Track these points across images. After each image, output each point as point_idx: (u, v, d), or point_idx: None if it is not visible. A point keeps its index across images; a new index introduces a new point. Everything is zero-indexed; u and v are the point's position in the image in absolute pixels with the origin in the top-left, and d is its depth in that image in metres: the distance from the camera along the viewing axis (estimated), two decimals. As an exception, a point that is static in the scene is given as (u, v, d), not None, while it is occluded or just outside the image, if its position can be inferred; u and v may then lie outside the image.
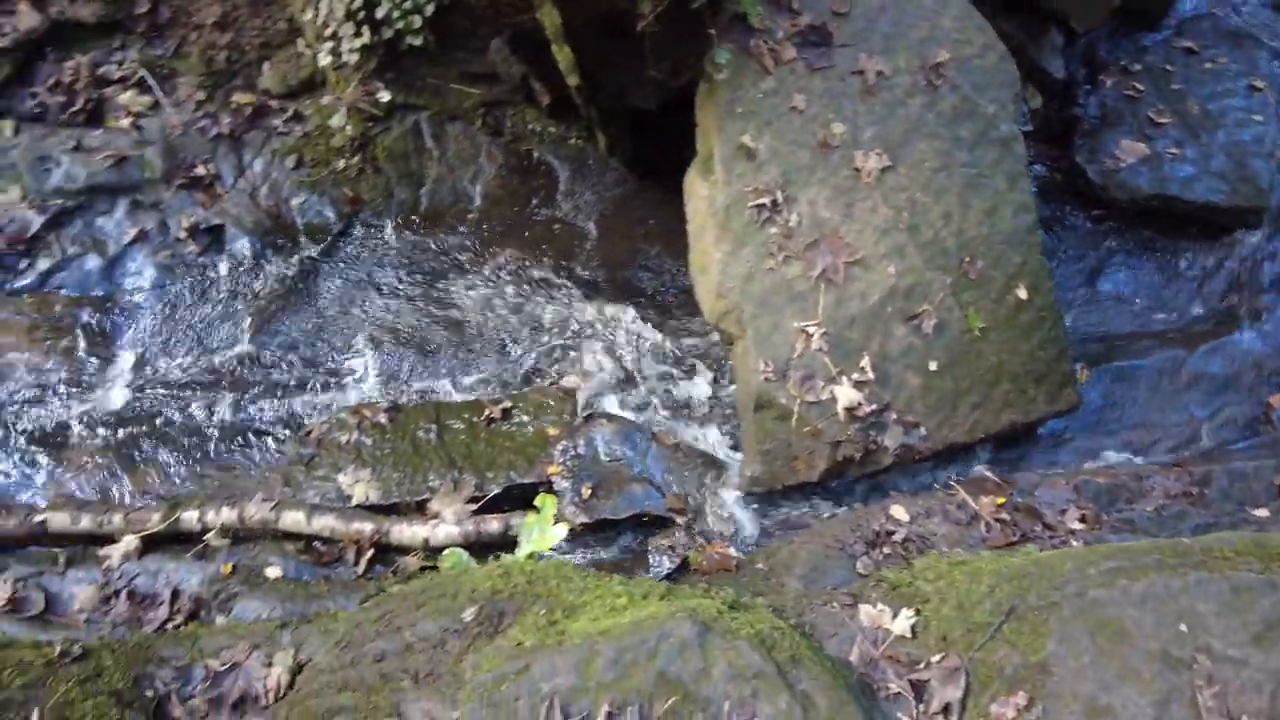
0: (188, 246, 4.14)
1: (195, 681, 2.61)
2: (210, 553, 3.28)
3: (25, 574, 3.19)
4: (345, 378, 3.93)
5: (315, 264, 4.20)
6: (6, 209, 4.02)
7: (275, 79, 4.42)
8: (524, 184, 4.52)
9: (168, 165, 4.22)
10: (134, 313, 4.02)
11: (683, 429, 3.71)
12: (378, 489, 3.43)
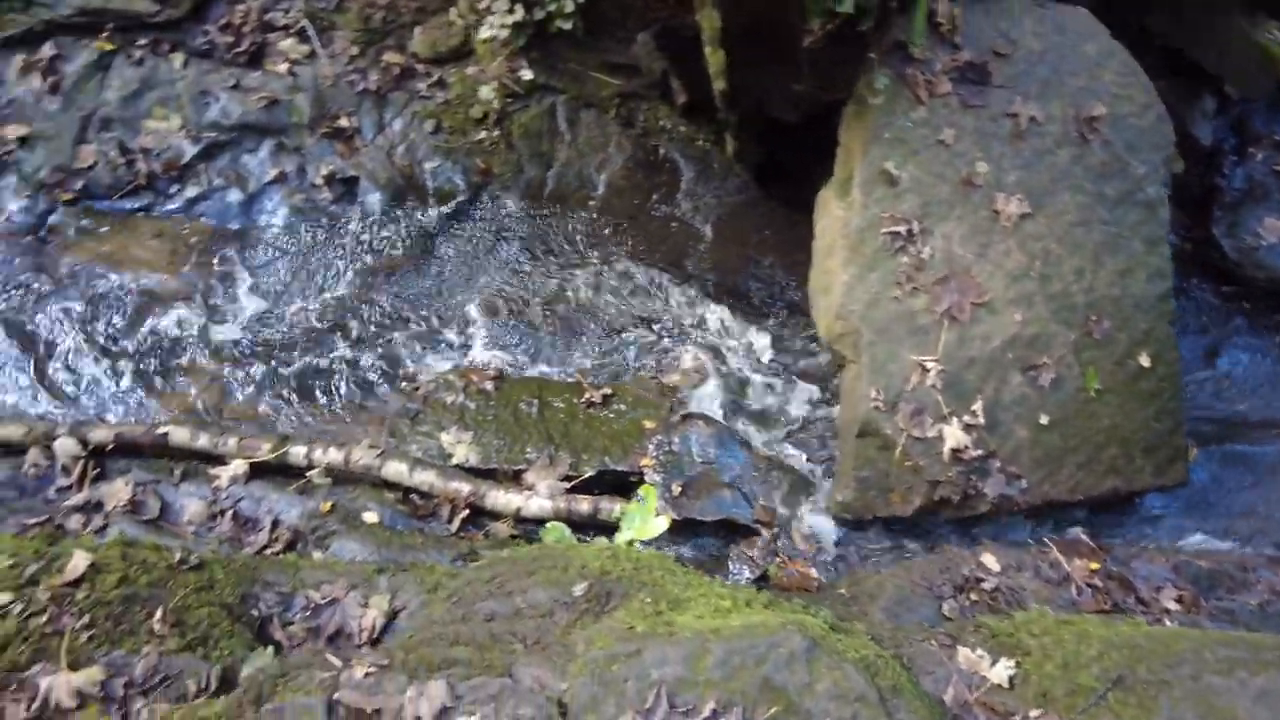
0: (322, 193, 4.31)
1: (296, 609, 2.73)
2: (312, 489, 3.42)
3: (145, 480, 3.38)
4: (454, 340, 4.04)
5: (440, 227, 4.33)
6: (165, 136, 4.24)
7: (425, 44, 4.56)
8: (647, 178, 4.58)
9: (314, 113, 4.39)
10: (265, 249, 4.20)
11: (777, 442, 3.73)
12: (477, 452, 3.53)
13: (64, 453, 3.41)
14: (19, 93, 4.18)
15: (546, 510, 3.32)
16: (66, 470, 3.40)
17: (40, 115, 4.18)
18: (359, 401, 3.81)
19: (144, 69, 4.29)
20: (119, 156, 4.17)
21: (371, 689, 1.79)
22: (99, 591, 2.57)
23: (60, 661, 2.33)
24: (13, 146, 4.11)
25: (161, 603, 2.57)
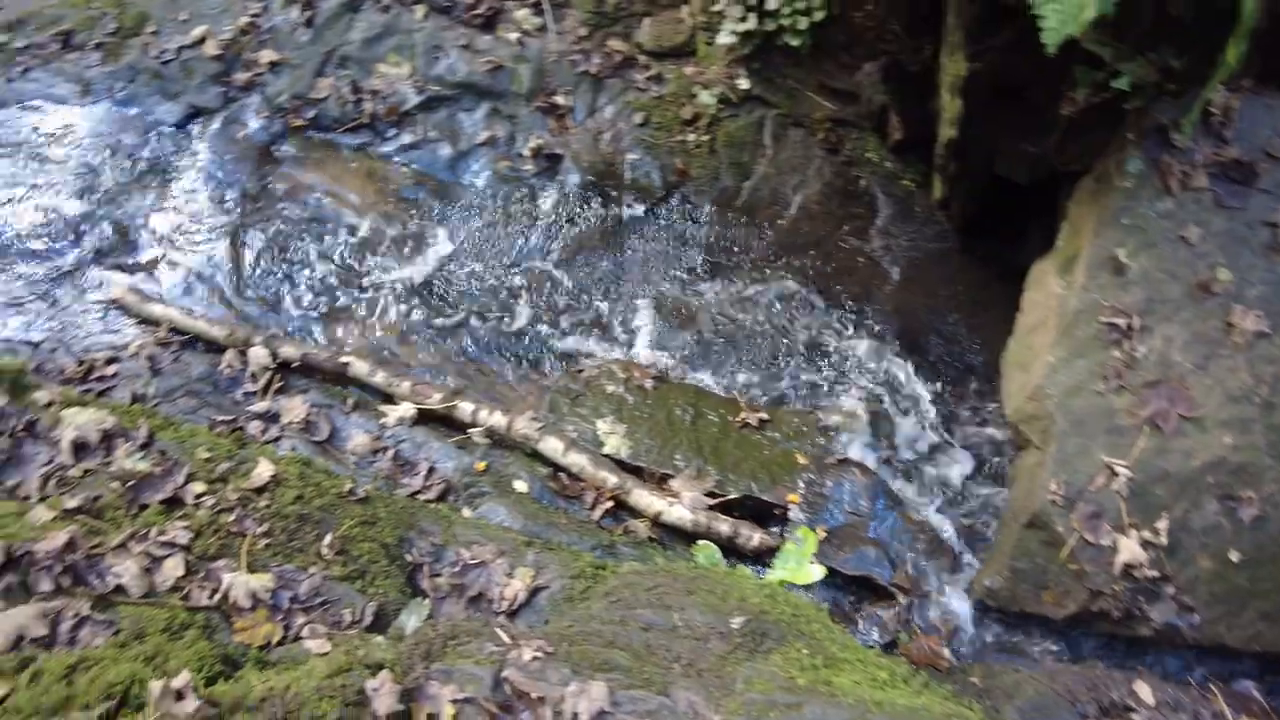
0: (526, 164, 4.43)
1: (445, 563, 2.83)
2: (470, 446, 3.54)
3: (320, 403, 3.58)
4: (621, 332, 4.08)
5: (629, 219, 4.38)
6: (394, 82, 4.46)
7: (651, 36, 4.60)
8: (842, 208, 4.48)
9: (533, 85, 4.51)
10: (463, 206, 4.35)
11: (928, 507, 3.59)
12: (629, 447, 3.56)
13: (256, 361, 3.65)
14: (278, 21, 4.48)
15: (685, 521, 3.32)
16: (254, 378, 3.64)
17: (291, 45, 4.47)
18: (523, 370, 3.91)
19: (388, 16, 4.52)
20: (350, 94, 4.41)
21: (536, 674, 1.82)
22: (278, 504, 2.73)
23: (241, 562, 2.50)
24: (264, 70, 4.41)
25: (330, 529, 2.71)
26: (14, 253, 3.94)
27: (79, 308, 3.79)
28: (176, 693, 1.64)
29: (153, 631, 2.23)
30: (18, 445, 2.89)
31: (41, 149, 4.22)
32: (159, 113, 4.35)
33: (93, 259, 3.95)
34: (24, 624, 2.19)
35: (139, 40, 4.46)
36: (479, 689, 1.79)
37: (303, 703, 1.64)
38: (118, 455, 2.91)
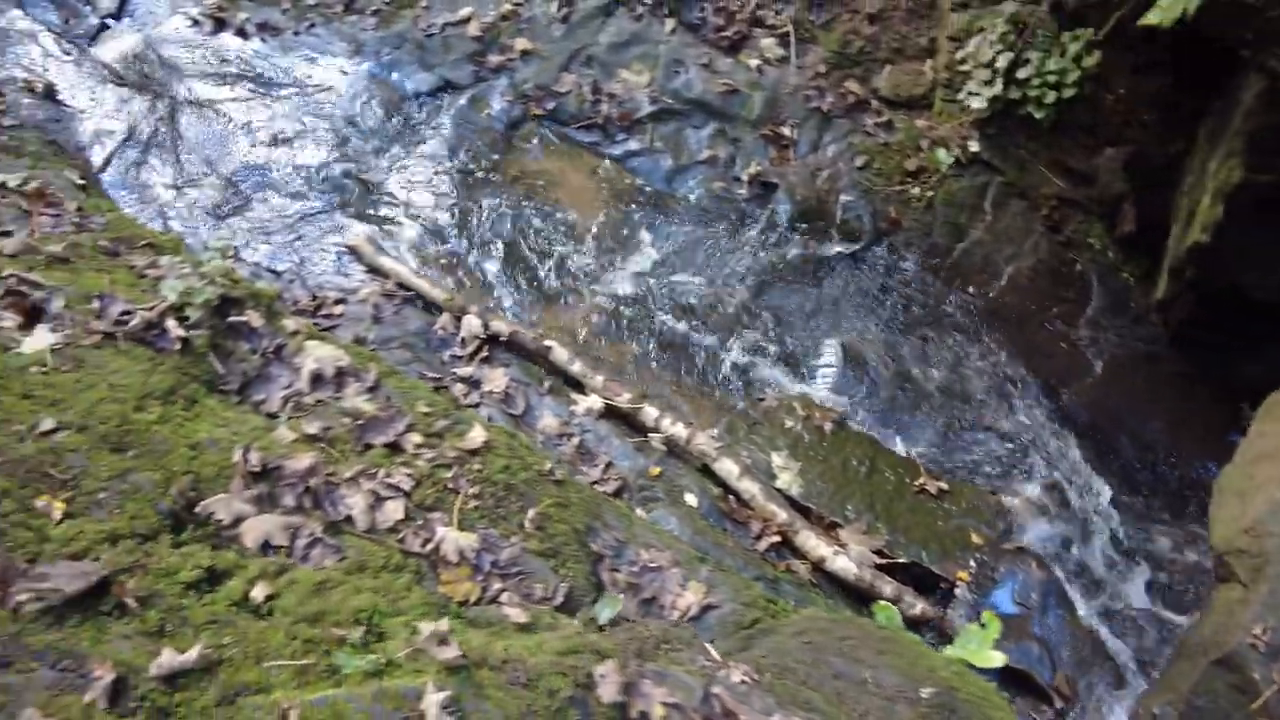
0: (742, 189, 4.51)
1: (625, 559, 2.92)
2: (647, 450, 3.64)
3: (518, 379, 3.76)
4: (806, 368, 4.10)
5: (834, 259, 4.39)
6: (632, 89, 4.64)
7: (889, 84, 4.61)
8: (1053, 288, 4.35)
9: (763, 114, 4.60)
10: (675, 218, 4.48)
11: (1099, 615, 3.44)
12: (801, 486, 3.58)
13: (468, 328, 3.87)
14: (537, 13, 4.75)
15: (849, 573, 3.30)
16: (464, 343, 3.86)
17: (544, 38, 4.72)
18: (704, 385, 3.98)
19: (638, 25, 4.71)
20: (590, 93, 4.62)
21: (742, 698, 1.87)
22: (488, 470, 2.90)
23: (453, 519, 2.67)
24: (516, 57, 4.68)
25: (531, 503, 2.85)
26: (273, 187, 4.33)
27: (318, 247, 4.13)
28: (441, 637, 1.78)
29: (373, 566, 2.42)
30: (266, 364, 3.18)
31: (312, 97, 4.62)
32: (415, 81, 4.69)
33: (336, 205, 4.30)
34: (270, 531, 2.42)
35: (411, 12, 4.82)
36: (689, 698, 1.86)
37: (540, 674, 1.75)
38: (348, 392, 3.15)
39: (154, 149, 4.38)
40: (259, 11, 4.89)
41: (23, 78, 4.58)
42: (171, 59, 4.80)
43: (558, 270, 4.26)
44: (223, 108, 4.57)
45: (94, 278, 3.24)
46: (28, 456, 2.37)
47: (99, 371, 2.75)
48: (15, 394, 2.57)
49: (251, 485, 2.53)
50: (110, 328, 2.99)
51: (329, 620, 2.01)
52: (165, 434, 2.59)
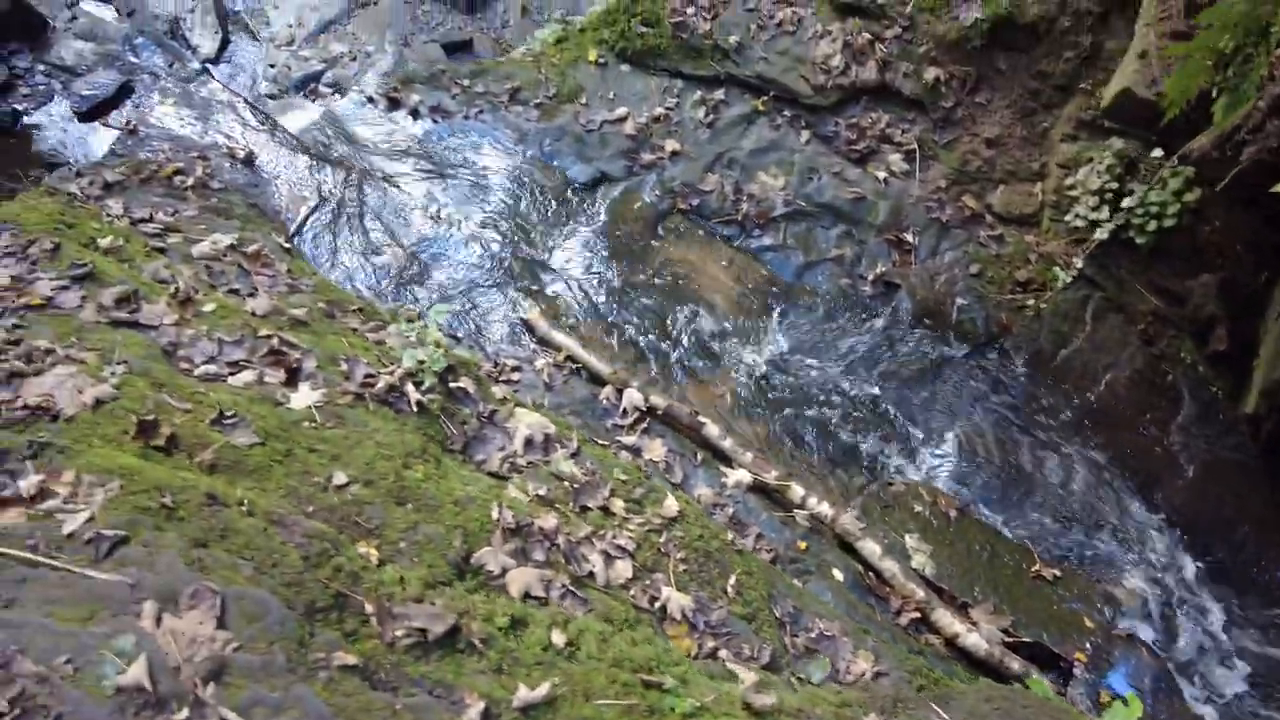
0: (866, 287, 4.99)
1: (801, 626, 3.30)
2: (792, 525, 4.04)
3: (674, 449, 4.18)
4: (927, 457, 4.51)
5: (950, 357, 4.84)
6: (769, 190, 5.15)
7: (1002, 201, 5.11)
8: (1147, 397, 4.78)
9: (886, 220, 5.09)
10: (804, 309, 4.94)
11: (1204, 705, 3.78)
12: (933, 567, 3.96)
13: (629, 401, 4.30)
14: (685, 117, 5.28)
15: (980, 649, 3.67)
16: (625, 414, 4.29)
17: (692, 140, 5.25)
18: (836, 467, 4.39)
19: (776, 134, 5.24)
20: (731, 192, 5.13)
21: (976, 755, 2.24)
22: (688, 536, 3.31)
23: (670, 580, 3.07)
24: (665, 156, 5.20)
25: (726, 570, 3.25)
26: (448, 258, 4.81)
27: (494, 317, 4.59)
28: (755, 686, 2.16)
29: (618, 619, 2.81)
30: (481, 427, 3.62)
31: (481, 178, 5.14)
32: (573, 171, 5.20)
33: (505, 279, 4.77)
34: (530, 582, 2.82)
35: (571, 107, 5.36)
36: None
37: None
38: (555, 457, 3.58)
39: (341, 216, 4.87)
40: (431, 95, 5.44)
41: (225, 144, 5.11)
42: (351, 133, 5.34)
43: (700, 349, 4.71)
44: (400, 182, 5.08)
45: (334, 340, 3.71)
46: (336, 506, 2.79)
47: (361, 430, 3.19)
48: (304, 447, 3.01)
49: (508, 540, 2.94)
50: (359, 389, 3.44)
51: (628, 665, 2.39)
52: (431, 490, 3.00)
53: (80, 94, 8.67)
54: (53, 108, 8.52)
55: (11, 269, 3.62)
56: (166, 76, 8.85)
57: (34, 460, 2.54)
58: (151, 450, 2.73)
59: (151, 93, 7.81)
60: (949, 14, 5.05)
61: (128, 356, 3.20)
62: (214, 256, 4.24)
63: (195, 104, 5.24)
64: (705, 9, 5.33)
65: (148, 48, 9.25)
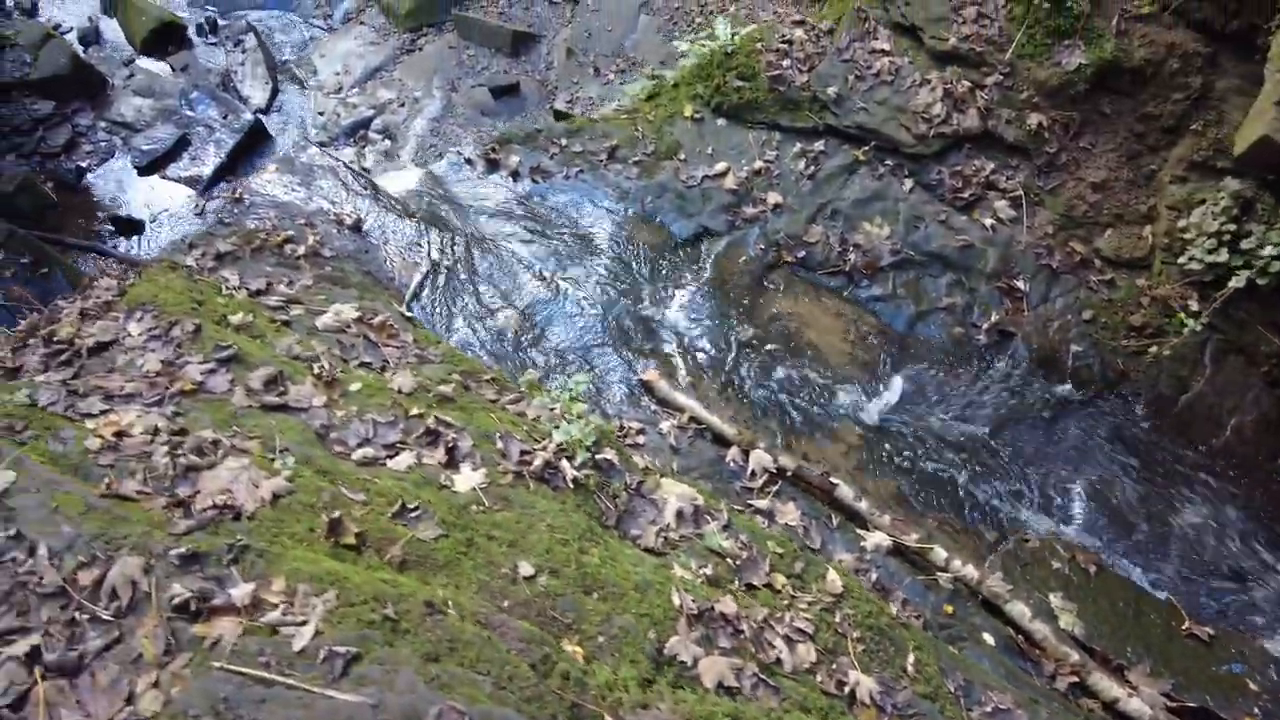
0: (979, 335, 4.95)
1: (974, 699, 3.24)
2: (937, 588, 3.98)
3: (807, 513, 4.14)
4: (1055, 509, 4.45)
5: (1067, 404, 4.79)
6: (874, 240, 5.14)
7: (1111, 245, 5.06)
8: (1276, 441, 4.69)
9: (996, 267, 5.06)
10: (918, 360, 4.91)
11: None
12: (1081, 627, 3.89)
13: (756, 462, 4.28)
14: (785, 170, 5.29)
15: (1144, 715, 3.59)
16: (754, 475, 4.26)
17: (793, 193, 5.26)
18: (966, 523, 4.34)
19: (879, 183, 5.24)
20: (836, 243, 5.12)
21: None
22: (857, 613, 3.27)
23: (854, 661, 3.03)
24: (768, 209, 5.21)
25: (900, 647, 3.20)
26: (561, 319, 4.83)
27: (612, 379, 4.59)
28: None
29: (814, 708, 2.78)
30: (630, 500, 3.60)
31: (586, 237, 5.16)
32: (676, 227, 5.22)
33: (617, 339, 4.78)
34: (723, 672, 2.80)
35: (670, 164, 5.39)
36: None
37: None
38: (707, 530, 3.56)
39: (453, 280, 4.91)
40: (530, 156, 5.48)
41: (331, 211, 5.17)
42: (453, 195, 5.39)
43: (817, 404, 4.69)
44: (506, 243, 5.11)
45: (484, 416, 3.72)
46: (530, 600, 2.78)
47: (529, 512, 3.19)
48: (482, 535, 3.01)
49: (693, 627, 2.91)
50: (516, 467, 3.45)
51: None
52: (610, 575, 2.99)
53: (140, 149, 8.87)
54: (114, 163, 8.73)
55: (160, 353, 3.67)
56: (221, 128, 9.05)
57: (237, 565, 2.56)
58: (343, 549, 2.75)
59: (259, 160, 7.97)
60: (1050, 60, 5.03)
61: (287, 443, 3.23)
62: (339, 328, 4.28)
63: (297, 169, 5.31)
64: (801, 61, 5.35)
65: (202, 101, 9.45)
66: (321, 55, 10.26)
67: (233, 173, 8.85)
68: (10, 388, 3.21)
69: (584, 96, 9.37)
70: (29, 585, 2.46)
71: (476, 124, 9.49)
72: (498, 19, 10.28)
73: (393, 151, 8.98)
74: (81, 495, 2.72)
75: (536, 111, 9.57)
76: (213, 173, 8.72)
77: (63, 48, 8.88)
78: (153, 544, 2.58)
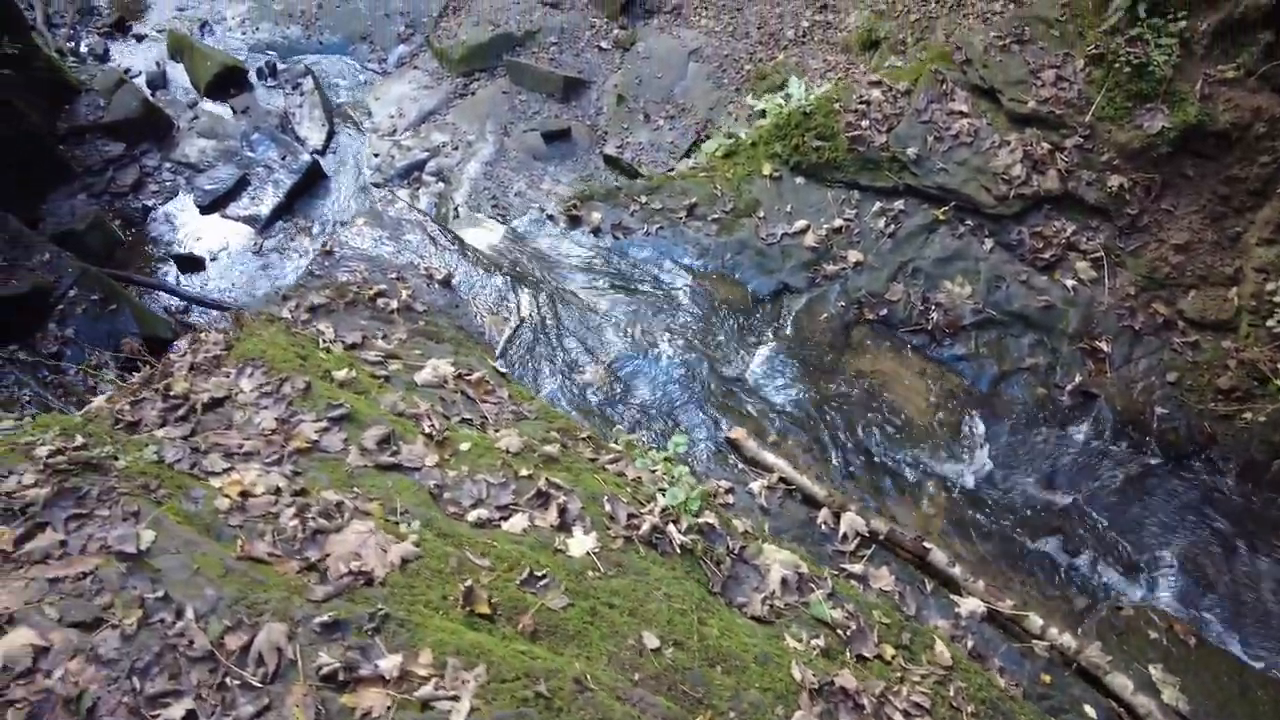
0: (1063, 396, 4.95)
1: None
2: (1033, 656, 3.94)
3: (902, 577, 4.12)
4: (1147, 577, 4.40)
5: (1155, 469, 4.76)
6: (956, 299, 5.17)
7: (1195, 307, 5.05)
8: (1371, 510, 4.63)
9: (1077, 327, 5.07)
10: (1002, 420, 4.91)
11: None
12: (1185, 702, 3.83)
13: (849, 525, 4.28)
14: (865, 228, 5.35)
15: (1256, 796, 3.52)
16: (845, 539, 4.26)
17: (874, 251, 5.31)
18: (1057, 589, 4.30)
19: (960, 242, 5.27)
20: (918, 302, 5.15)
21: None
22: (969, 687, 3.25)
23: (974, 741, 3.01)
24: (848, 266, 5.27)
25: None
26: (645, 375, 4.90)
27: (698, 435, 4.62)
28: None
29: (941, 786, 2.76)
30: (734, 565, 3.61)
31: (667, 292, 5.23)
32: (756, 284, 5.29)
33: (703, 395, 4.82)
34: (849, 749, 2.78)
35: (749, 222, 5.47)
36: None
37: None
38: (812, 598, 3.56)
39: (541, 335, 4.98)
40: (610, 212, 5.58)
41: (421, 265, 5.27)
42: (537, 250, 5.49)
43: (902, 465, 4.69)
44: (590, 298, 5.19)
45: (588, 478, 3.76)
46: (660, 673, 2.79)
47: (644, 580, 3.21)
48: (603, 603, 3.03)
49: (815, 701, 2.91)
50: (625, 531, 3.47)
51: None
52: (730, 647, 3.00)
53: (203, 189, 9.13)
54: (177, 202, 8.99)
55: (273, 410, 3.75)
56: (279, 168, 9.29)
57: (379, 635, 2.60)
58: (477, 618, 2.78)
59: (316, 200, 8.18)
60: (1131, 123, 5.07)
61: (406, 505, 3.28)
62: (438, 384, 4.35)
63: (385, 223, 5.43)
64: (879, 122, 5.43)
65: (262, 142, 9.72)
66: (377, 98, 10.52)
67: (290, 212, 9.10)
68: (138, 444, 3.29)
69: (634, 142, 9.54)
70: (179, 648, 2.52)
71: (528, 168, 9.68)
72: (549, 65, 10.51)
73: (447, 194, 9.15)
74: (219, 557, 2.78)
75: (586, 156, 9.76)
76: (271, 212, 8.95)
77: (133, 92, 9.19)
78: (293, 610, 2.63)
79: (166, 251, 8.41)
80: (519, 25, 10.73)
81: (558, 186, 9.61)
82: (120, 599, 2.55)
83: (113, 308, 7.31)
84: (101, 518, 2.85)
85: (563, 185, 9.61)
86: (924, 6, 7.95)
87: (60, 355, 7.13)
